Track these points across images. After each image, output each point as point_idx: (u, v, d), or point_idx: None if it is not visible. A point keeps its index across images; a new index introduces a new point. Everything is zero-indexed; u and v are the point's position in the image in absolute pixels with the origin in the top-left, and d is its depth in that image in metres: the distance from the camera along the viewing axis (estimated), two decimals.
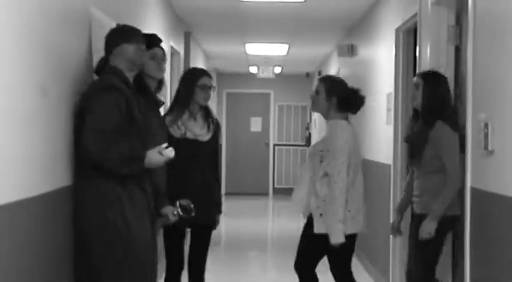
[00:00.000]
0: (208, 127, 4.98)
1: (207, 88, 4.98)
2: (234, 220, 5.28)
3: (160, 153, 3.81)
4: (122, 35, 3.90)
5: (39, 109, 3.26)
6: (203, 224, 4.98)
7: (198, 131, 4.93)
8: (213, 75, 16.13)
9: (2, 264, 2.80)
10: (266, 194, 17.15)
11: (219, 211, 5.05)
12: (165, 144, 3.87)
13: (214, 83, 5.17)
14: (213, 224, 5.01)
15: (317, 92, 4.86)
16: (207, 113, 5.03)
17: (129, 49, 3.87)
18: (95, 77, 3.99)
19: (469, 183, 4.02)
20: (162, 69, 4.55)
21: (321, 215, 4.67)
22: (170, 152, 3.84)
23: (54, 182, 3.49)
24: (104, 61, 3.91)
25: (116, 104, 3.70)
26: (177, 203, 4.45)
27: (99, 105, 3.67)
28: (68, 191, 3.69)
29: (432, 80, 4.57)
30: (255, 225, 5.38)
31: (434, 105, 4.50)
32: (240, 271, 5.38)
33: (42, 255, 3.32)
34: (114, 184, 3.72)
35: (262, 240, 5.64)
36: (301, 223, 5.41)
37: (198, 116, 4.96)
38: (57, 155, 3.53)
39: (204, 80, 4.98)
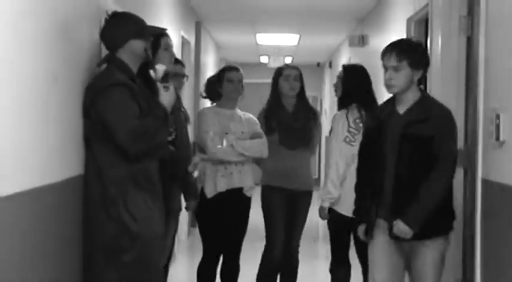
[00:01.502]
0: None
1: (179, 76, 4.98)
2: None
3: (166, 88, 3.85)
4: (132, 30, 3.84)
5: (51, 97, 3.27)
6: None
7: None
8: (224, 65, 16.11)
9: (13, 252, 2.81)
10: None
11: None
12: (151, 72, 3.90)
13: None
14: None
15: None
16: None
17: (139, 45, 3.84)
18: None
19: (479, 174, 4.00)
20: (173, 61, 4.55)
21: None
22: (160, 68, 3.95)
23: (66, 171, 3.50)
24: (110, 56, 3.86)
25: (128, 98, 3.69)
26: None
27: (115, 104, 3.65)
28: (79, 180, 3.69)
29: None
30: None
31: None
32: (247, 263, 5.40)
33: (53, 245, 3.33)
34: (120, 177, 3.70)
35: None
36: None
37: None
38: (68, 144, 3.54)
39: (175, 68, 4.95)
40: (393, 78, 3.94)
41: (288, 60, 16.04)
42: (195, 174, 5.00)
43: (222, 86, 5.28)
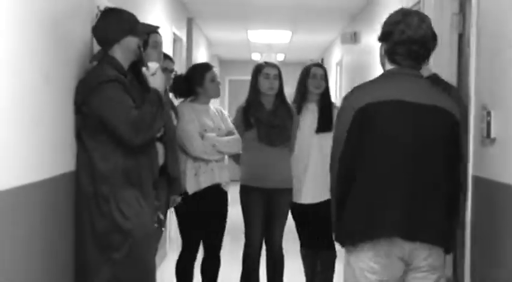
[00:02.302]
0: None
1: (168, 71, 5.00)
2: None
3: (153, 74, 3.88)
4: (128, 26, 3.85)
5: (43, 94, 3.26)
6: None
7: None
8: (215, 62, 16.10)
9: (5, 248, 2.81)
10: None
11: None
12: (143, 68, 3.91)
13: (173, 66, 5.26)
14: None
15: None
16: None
17: (133, 42, 3.86)
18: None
19: (470, 171, 4.01)
20: (162, 58, 4.59)
21: None
22: (153, 65, 3.93)
23: (58, 167, 3.49)
24: (102, 52, 3.87)
25: (121, 92, 3.70)
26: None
27: (111, 99, 3.66)
28: (71, 177, 3.69)
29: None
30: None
31: None
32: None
33: (45, 241, 3.33)
34: (112, 172, 3.71)
35: None
36: None
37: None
38: (60, 140, 3.53)
39: (164, 63, 4.98)
40: None
41: (280, 57, 16.04)
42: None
43: (203, 85, 5.27)
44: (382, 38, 3.36)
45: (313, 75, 5.68)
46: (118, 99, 3.67)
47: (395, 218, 3.14)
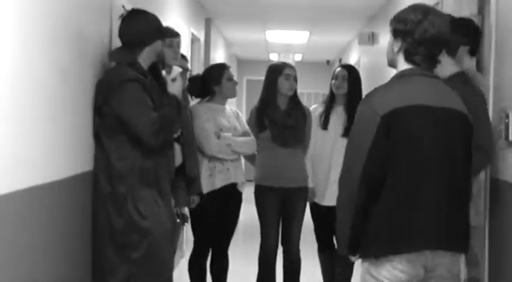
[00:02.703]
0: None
1: (183, 70, 5.02)
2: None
3: (173, 80, 3.93)
4: (158, 30, 3.90)
5: (61, 93, 3.27)
6: None
7: None
8: (233, 62, 16.12)
9: (23, 248, 2.82)
10: None
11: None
12: (163, 72, 3.95)
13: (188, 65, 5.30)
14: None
15: None
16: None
17: (159, 45, 3.91)
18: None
19: (489, 174, 4.00)
20: (178, 58, 4.64)
21: None
22: (175, 71, 3.98)
23: (76, 167, 3.51)
24: (128, 53, 3.86)
25: (142, 92, 3.72)
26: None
27: (133, 99, 3.69)
28: (89, 176, 3.70)
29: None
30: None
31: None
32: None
33: (63, 241, 3.34)
34: (129, 171, 3.72)
35: None
36: None
37: None
38: (78, 139, 3.54)
39: (180, 63, 5.01)
40: None
41: (298, 57, 16.03)
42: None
43: (220, 84, 5.31)
44: (399, 36, 3.24)
45: (335, 76, 5.70)
46: (139, 99, 3.69)
47: (427, 231, 3.01)
